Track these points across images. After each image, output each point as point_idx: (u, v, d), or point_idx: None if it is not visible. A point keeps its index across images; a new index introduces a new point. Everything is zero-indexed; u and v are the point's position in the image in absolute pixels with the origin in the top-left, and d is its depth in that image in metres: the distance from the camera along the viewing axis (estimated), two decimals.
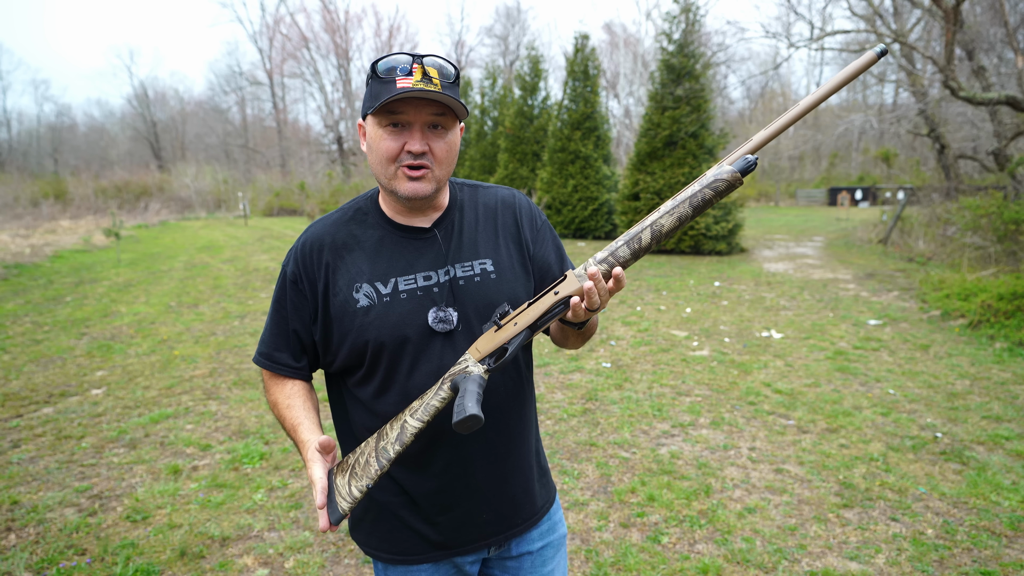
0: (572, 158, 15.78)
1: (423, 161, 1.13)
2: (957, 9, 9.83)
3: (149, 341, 6.65)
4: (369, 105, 1.12)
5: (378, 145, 1.13)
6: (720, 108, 24.94)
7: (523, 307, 1.10)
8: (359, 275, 1.20)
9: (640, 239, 1.03)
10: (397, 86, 1.08)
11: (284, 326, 1.26)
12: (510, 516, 1.31)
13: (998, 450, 3.69)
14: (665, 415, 4.34)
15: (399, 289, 1.19)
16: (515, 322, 1.09)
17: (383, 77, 1.10)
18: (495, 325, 1.10)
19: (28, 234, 19.24)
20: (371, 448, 1.14)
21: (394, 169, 1.14)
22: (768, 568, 2.64)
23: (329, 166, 42.91)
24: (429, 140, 1.13)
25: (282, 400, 1.27)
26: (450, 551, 1.28)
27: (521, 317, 1.09)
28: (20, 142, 53.59)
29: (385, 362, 1.19)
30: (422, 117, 1.11)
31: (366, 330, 1.17)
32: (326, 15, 48.57)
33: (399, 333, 1.17)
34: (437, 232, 1.23)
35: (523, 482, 1.32)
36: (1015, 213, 9.11)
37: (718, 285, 9.49)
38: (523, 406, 1.31)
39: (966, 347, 5.88)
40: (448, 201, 1.27)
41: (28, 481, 3.51)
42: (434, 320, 1.18)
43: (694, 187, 1.01)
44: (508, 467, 1.29)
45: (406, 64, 1.10)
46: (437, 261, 1.21)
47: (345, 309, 1.19)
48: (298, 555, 2.79)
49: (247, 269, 12.08)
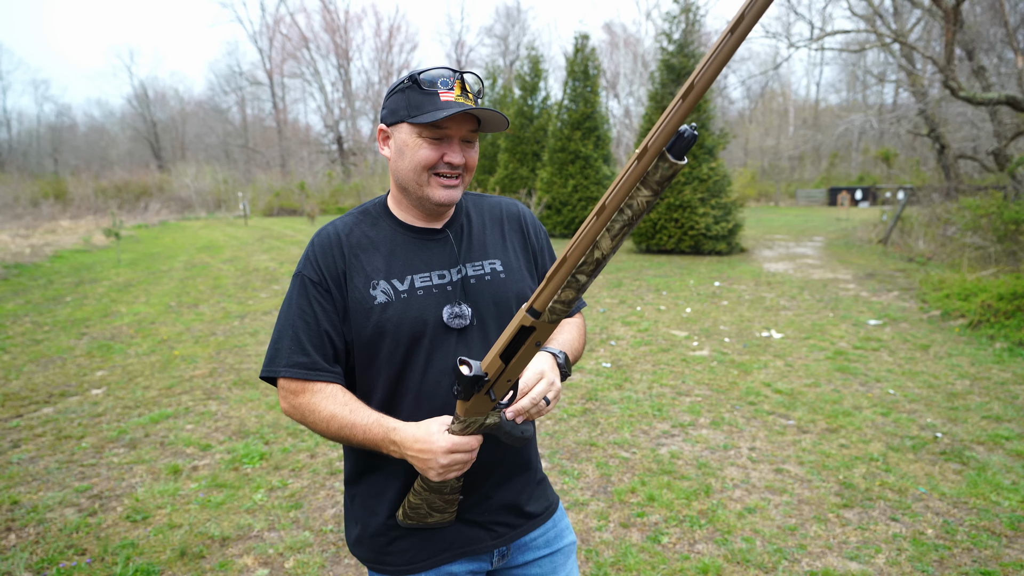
0: (572, 158, 15.77)
1: (458, 171, 1.20)
2: (957, 9, 9.83)
3: (149, 341, 6.65)
4: (410, 113, 1.16)
5: (415, 153, 1.17)
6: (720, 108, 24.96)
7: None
8: (375, 272, 1.22)
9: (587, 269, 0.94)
10: (441, 99, 1.14)
11: (315, 330, 1.20)
12: (514, 516, 1.32)
13: (998, 450, 3.69)
14: (665, 415, 4.34)
15: (416, 286, 1.22)
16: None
17: (426, 89, 1.15)
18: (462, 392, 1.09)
19: (28, 234, 19.24)
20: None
21: (427, 176, 1.19)
22: (768, 568, 2.64)
23: (329, 166, 42.92)
24: (464, 152, 1.20)
25: (338, 409, 1.17)
26: (455, 552, 1.28)
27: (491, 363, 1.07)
28: (20, 142, 53.59)
29: (401, 358, 1.20)
30: (462, 131, 1.18)
31: (384, 326, 1.19)
32: (326, 15, 48.58)
33: (417, 328, 1.20)
34: (449, 233, 1.28)
35: (526, 482, 1.35)
36: (1015, 213, 9.11)
37: (718, 285, 9.49)
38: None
39: (966, 347, 5.88)
40: (455, 206, 1.32)
41: (28, 481, 3.51)
42: (449, 316, 1.21)
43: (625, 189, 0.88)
44: (511, 467, 1.31)
45: (448, 78, 1.16)
46: (450, 260, 1.26)
47: (361, 306, 1.20)
48: (298, 555, 2.79)
49: (247, 269, 12.08)
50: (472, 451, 1.13)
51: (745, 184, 31.03)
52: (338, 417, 1.17)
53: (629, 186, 0.86)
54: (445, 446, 1.10)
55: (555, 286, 0.96)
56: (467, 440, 1.11)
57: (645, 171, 0.84)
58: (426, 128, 1.15)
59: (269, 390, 4.91)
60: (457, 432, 1.11)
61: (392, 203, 1.30)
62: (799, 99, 47.55)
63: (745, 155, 39.82)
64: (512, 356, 1.04)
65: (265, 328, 7.11)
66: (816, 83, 53.23)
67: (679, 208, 12.85)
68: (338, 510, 3.16)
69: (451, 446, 1.10)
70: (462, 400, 1.09)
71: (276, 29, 50.12)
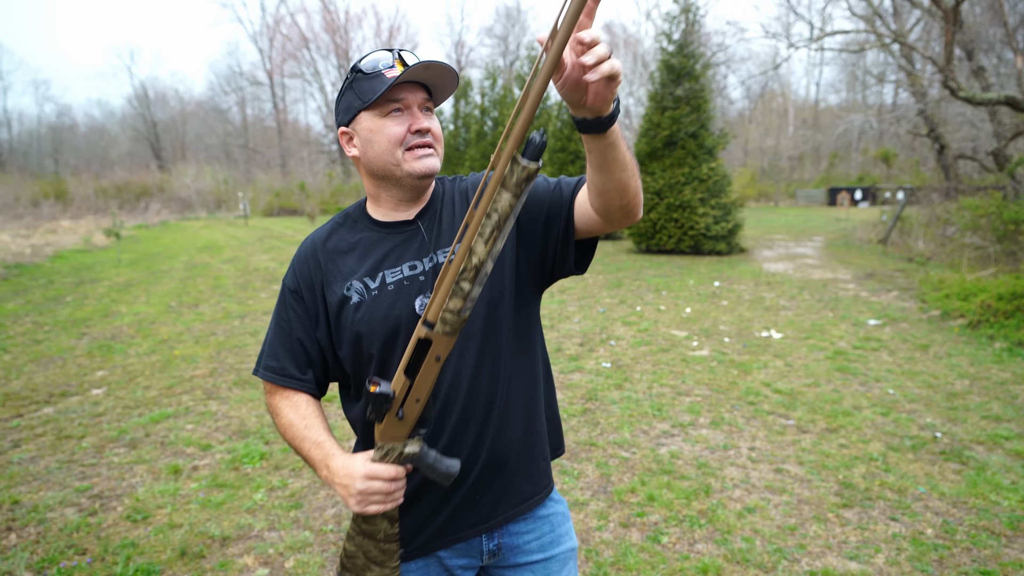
0: (572, 158, 15.78)
1: (428, 139, 1.19)
2: (957, 9, 9.83)
3: (149, 341, 6.65)
4: (364, 100, 1.16)
5: (383, 133, 1.17)
6: (720, 108, 24.96)
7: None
8: (350, 274, 1.23)
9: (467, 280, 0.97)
10: (387, 77, 1.14)
11: (288, 336, 1.27)
12: (507, 497, 1.26)
13: (998, 450, 3.70)
14: (665, 415, 4.34)
15: (386, 282, 1.21)
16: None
17: (371, 73, 1.16)
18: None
19: (28, 234, 19.25)
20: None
21: (401, 153, 1.18)
22: (768, 568, 2.64)
23: (329, 166, 42.92)
24: (428, 119, 1.19)
25: (297, 420, 1.24)
26: (447, 539, 1.25)
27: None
28: (20, 142, 53.62)
29: (378, 356, 1.20)
30: (417, 99, 1.18)
31: (358, 325, 1.20)
32: (326, 15, 48.62)
33: (388, 324, 1.19)
34: (420, 223, 1.26)
35: (518, 462, 1.27)
36: (1014, 213, 9.11)
37: (718, 285, 9.49)
38: (525, 383, 1.27)
39: (966, 347, 5.88)
40: (431, 194, 1.31)
41: (28, 481, 3.51)
42: (421, 307, 1.19)
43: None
44: (503, 447, 1.24)
45: (388, 59, 1.16)
46: (422, 250, 1.23)
47: (341, 309, 1.22)
48: (298, 555, 2.80)
49: (247, 269, 12.09)
50: (392, 481, 1.10)
51: (745, 184, 31.04)
52: (294, 426, 1.23)
53: (491, 191, 0.92)
54: (363, 471, 1.09)
55: (442, 296, 0.98)
56: (386, 468, 1.09)
57: (502, 175, 0.90)
58: (383, 105, 1.15)
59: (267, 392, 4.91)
60: (377, 460, 1.10)
61: (369, 203, 1.30)
62: (799, 99, 47.62)
63: (745, 155, 39.83)
64: (416, 372, 1.04)
65: (265, 328, 7.10)
66: (816, 83, 53.30)
67: (679, 208, 12.84)
68: (338, 510, 3.17)
69: (368, 471, 1.09)
70: (377, 422, 1.09)
71: (276, 29, 50.17)
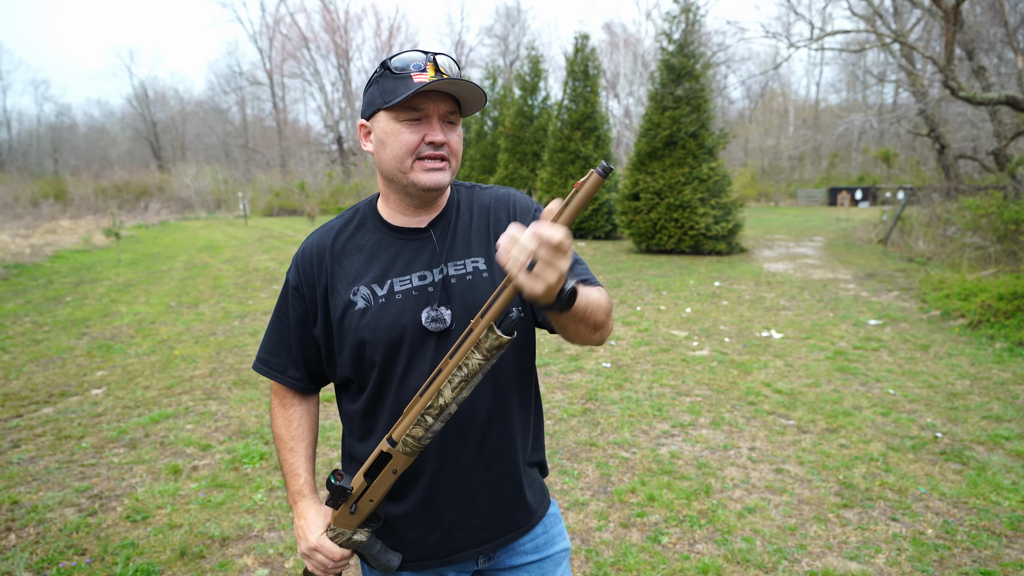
0: (572, 158, 15.78)
1: (442, 152, 1.14)
2: (957, 9, 9.83)
3: (149, 341, 6.65)
4: (385, 100, 1.12)
5: (396, 139, 1.13)
6: (720, 108, 24.94)
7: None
8: (357, 278, 1.20)
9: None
10: (414, 81, 1.09)
11: (285, 333, 1.27)
12: (501, 522, 1.25)
13: (998, 450, 3.69)
14: (665, 415, 4.34)
15: (395, 290, 1.18)
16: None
17: (398, 73, 1.11)
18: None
19: (28, 234, 19.24)
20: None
21: (411, 162, 1.14)
22: (768, 568, 2.64)
23: (329, 166, 42.92)
24: (446, 132, 1.14)
25: (285, 436, 1.30)
26: (439, 561, 1.24)
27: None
28: (20, 142, 53.60)
29: (380, 364, 1.18)
30: (440, 110, 1.13)
31: (362, 331, 1.17)
32: (326, 15, 48.61)
33: (394, 333, 1.16)
34: (432, 232, 1.23)
35: (515, 487, 1.26)
36: (1015, 213, 9.11)
37: (718, 285, 9.49)
38: (521, 405, 1.27)
39: (966, 347, 5.88)
40: (447, 201, 1.27)
41: (28, 481, 3.51)
42: (427, 319, 1.16)
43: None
44: (499, 471, 1.23)
45: (420, 61, 1.12)
46: (432, 261, 1.20)
47: (345, 313, 1.19)
48: (298, 555, 2.79)
49: (247, 269, 12.08)
50: (333, 562, 1.20)
51: (745, 184, 31.04)
52: (281, 442, 1.30)
53: (465, 349, 1.00)
54: (312, 543, 1.21)
55: (408, 422, 1.07)
56: (331, 549, 1.19)
57: (477, 339, 0.99)
58: (402, 111, 1.11)
59: (269, 390, 4.91)
60: (330, 538, 1.19)
61: (380, 202, 1.26)
62: (799, 99, 47.57)
63: (745, 155, 39.81)
64: (374, 478, 1.13)
65: (264, 328, 7.11)
66: (816, 83, 53.27)
67: (679, 208, 12.84)
68: None
69: (316, 545, 1.20)
70: (332, 508, 1.17)
71: (276, 29, 50.15)
